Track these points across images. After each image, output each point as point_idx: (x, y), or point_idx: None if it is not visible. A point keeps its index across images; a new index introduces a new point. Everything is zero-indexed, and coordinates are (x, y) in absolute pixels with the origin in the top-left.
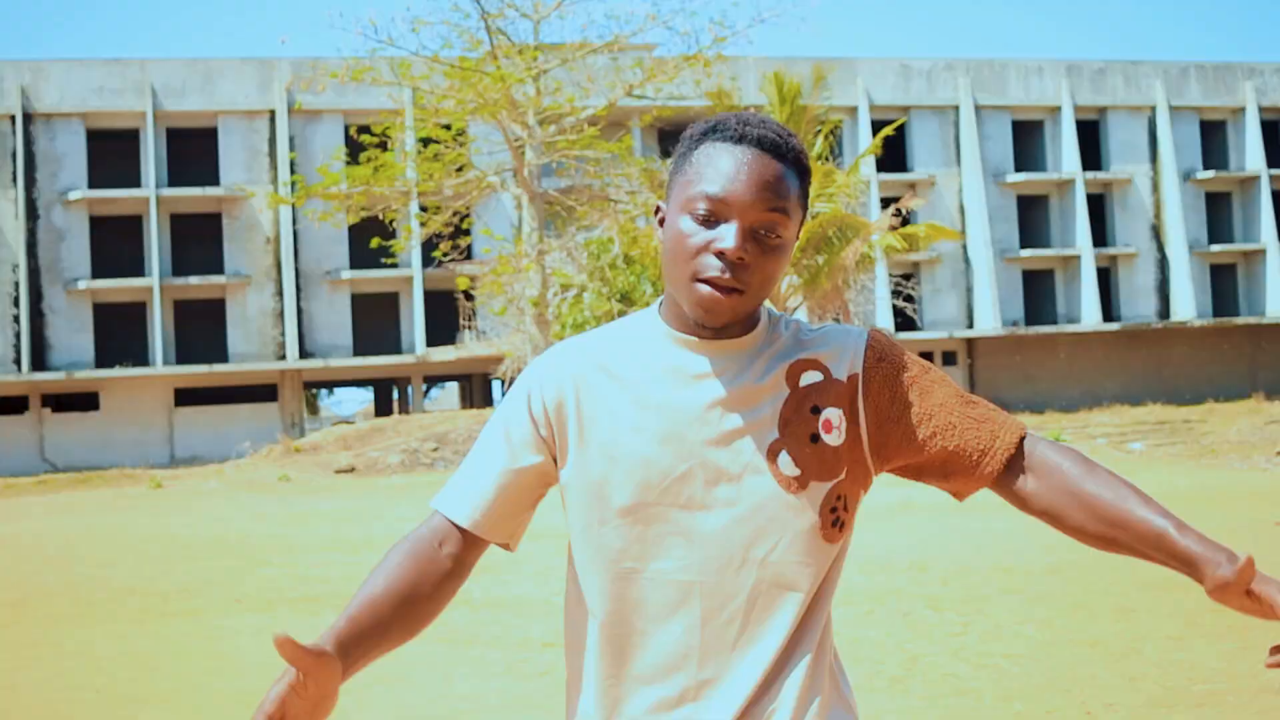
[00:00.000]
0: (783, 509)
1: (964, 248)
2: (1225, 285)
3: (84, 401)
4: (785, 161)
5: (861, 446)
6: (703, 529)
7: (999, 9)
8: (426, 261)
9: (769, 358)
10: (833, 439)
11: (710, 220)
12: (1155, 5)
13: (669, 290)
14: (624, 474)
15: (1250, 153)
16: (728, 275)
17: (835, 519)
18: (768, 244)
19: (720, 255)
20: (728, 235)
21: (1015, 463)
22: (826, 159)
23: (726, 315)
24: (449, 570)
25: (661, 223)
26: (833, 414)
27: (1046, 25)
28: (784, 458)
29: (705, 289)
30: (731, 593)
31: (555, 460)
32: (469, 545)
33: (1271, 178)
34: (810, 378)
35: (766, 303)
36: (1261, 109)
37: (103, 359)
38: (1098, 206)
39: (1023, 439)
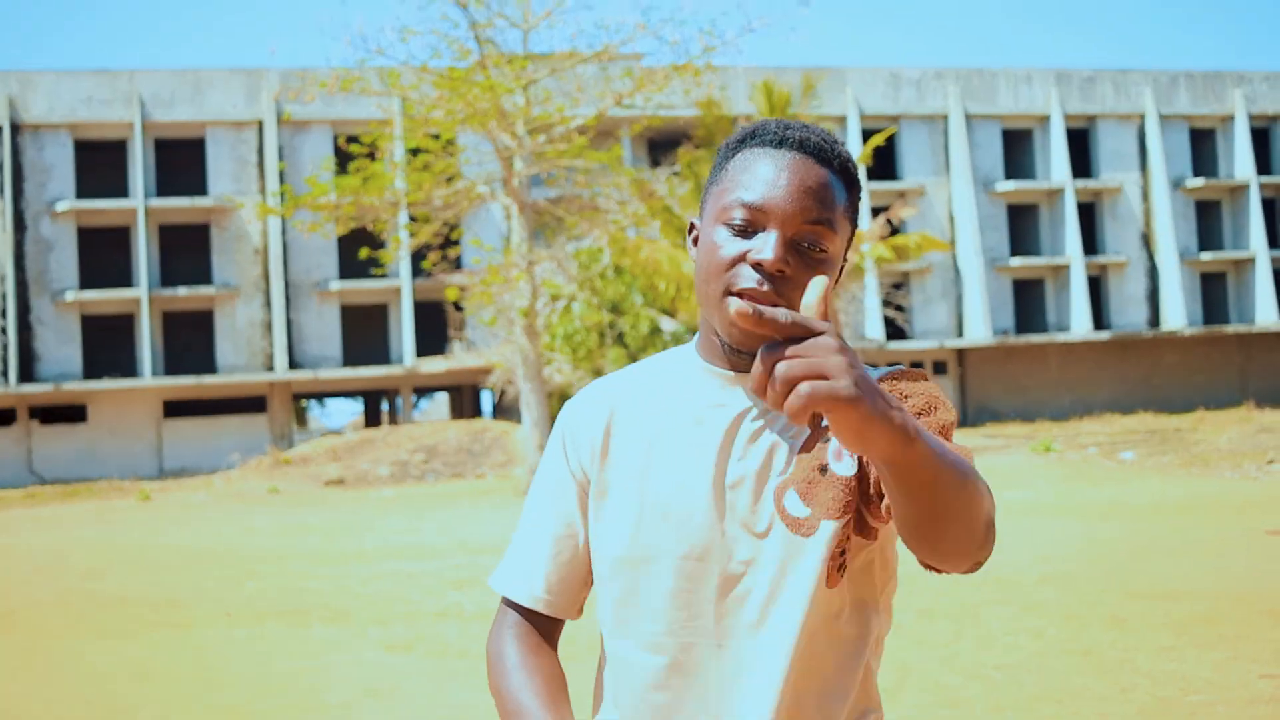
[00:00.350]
0: (793, 557)
1: (954, 257)
2: (1215, 294)
3: (72, 413)
4: (831, 168)
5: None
6: (721, 584)
7: (988, 18)
8: (416, 272)
9: None
10: (843, 468)
11: (748, 230)
12: (1144, 13)
13: (702, 315)
14: (637, 520)
15: (1240, 160)
16: (766, 288)
17: (841, 563)
18: (811, 257)
19: (758, 267)
20: (766, 245)
21: None
22: None
23: (763, 330)
24: (553, 653)
25: (696, 241)
26: None
27: (1036, 34)
28: (790, 496)
29: (739, 303)
30: (738, 650)
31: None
32: (553, 624)
33: (1261, 185)
34: None
35: None
36: (1251, 117)
37: (91, 370)
38: (1088, 215)
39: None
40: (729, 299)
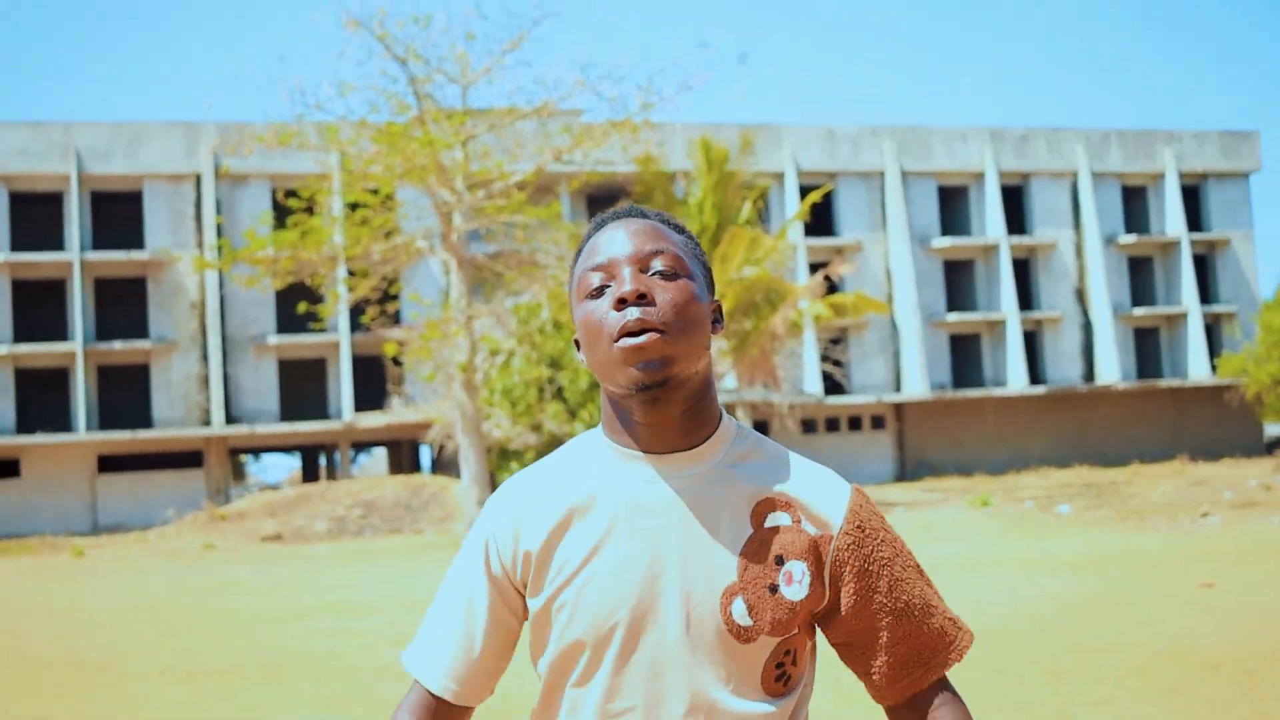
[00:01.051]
0: (728, 657)
1: (891, 312)
2: (1149, 348)
3: (4, 468)
4: (653, 220)
5: (818, 607)
6: (653, 667)
7: (924, 76)
8: (354, 327)
9: (734, 482)
10: (793, 593)
11: (605, 288)
12: (1077, 73)
13: (605, 392)
14: (578, 608)
15: (1170, 217)
16: (637, 315)
17: (781, 674)
18: (665, 274)
19: (622, 303)
20: (622, 284)
21: (927, 695)
22: (754, 224)
23: (659, 365)
24: None
25: (579, 346)
26: (796, 567)
27: (970, 93)
28: (738, 605)
29: (627, 342)
30: None
31: (521, 597)
32: (459, 712)
33: (1192, 242)
34: (777, 519)
35: (728, 416)
36: (1181, 174)
37: (24, 425)
38: (1023, 271)
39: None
40: (617, 346)
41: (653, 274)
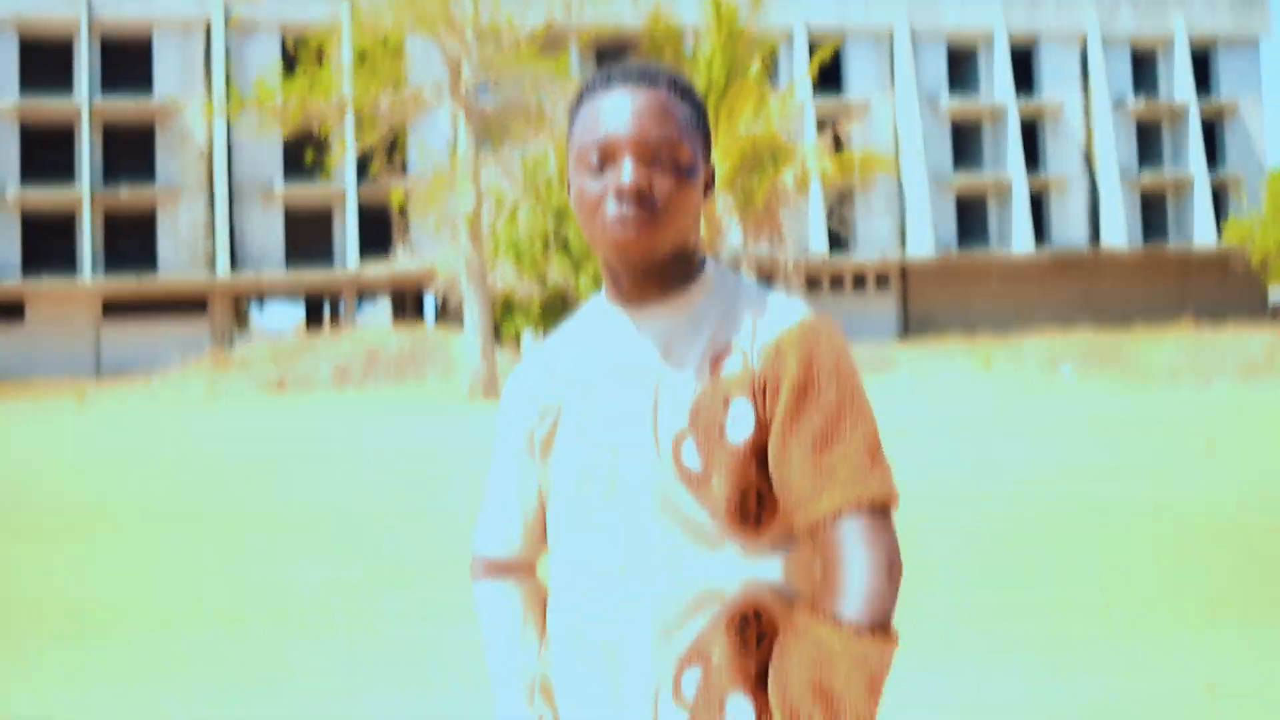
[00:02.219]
0: (689, 503)
1: (898, 171)
2: (1155, 213)
3: (9, 311)
4: (660, 88)
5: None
6: (617, 522)
7: None
8: (361, 177)
9: (702, 331)
10: (736, 434)
11: (604, 166)
12: None
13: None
14: (559, 467)
15: (1179, 82)
16: (631, 210)
17: (744, 514)
18: (668, 169)
19: (620, 194)
20: (622, 172)
21: (819, 534)
22: (762, 82)
23: (644, 243)
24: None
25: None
26: (739, 405)
27: None
28: (688, 447)
29: (616, 229)
30: (648, 590)
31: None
32: (529, 570)
33: (1200, 107)
34: (731, 366)
35: (711, 263)
36: (1191, 40)
37: (30, 268)
38: (1030, 133)
39: (844, 514)
40: (607, 229)
41: (657, 159)
